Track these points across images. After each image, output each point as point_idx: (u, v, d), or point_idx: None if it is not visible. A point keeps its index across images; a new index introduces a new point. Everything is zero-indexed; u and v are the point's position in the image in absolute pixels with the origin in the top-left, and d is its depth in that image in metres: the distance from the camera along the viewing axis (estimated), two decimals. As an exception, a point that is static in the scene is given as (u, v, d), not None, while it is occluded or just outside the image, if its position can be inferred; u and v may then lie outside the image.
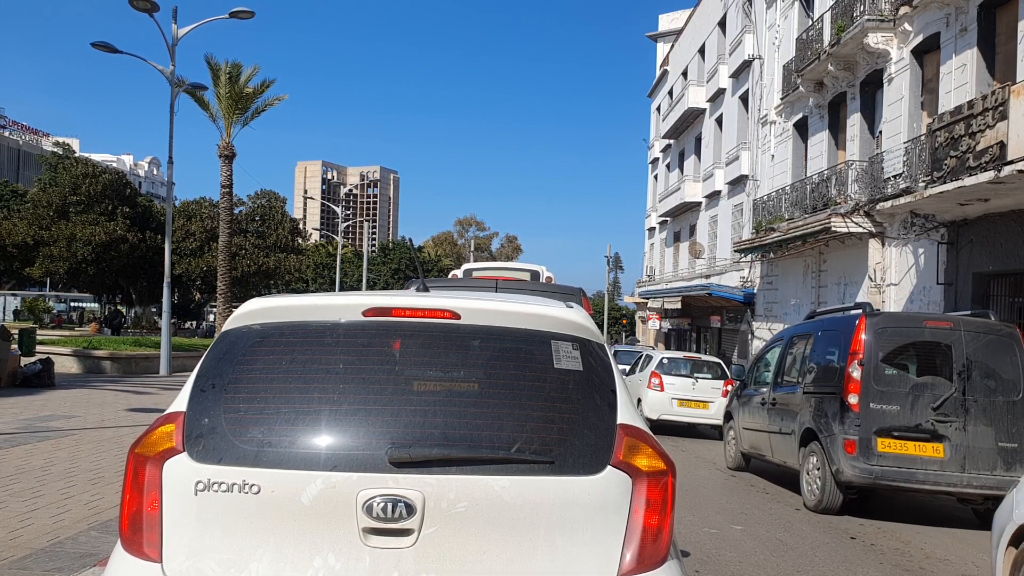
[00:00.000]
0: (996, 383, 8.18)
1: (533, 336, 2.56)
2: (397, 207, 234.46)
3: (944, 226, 15.55)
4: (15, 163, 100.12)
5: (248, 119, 31.79)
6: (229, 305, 33.32)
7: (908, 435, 7.99)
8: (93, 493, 6.09)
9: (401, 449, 2.29)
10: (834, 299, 21.27)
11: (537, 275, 14.29)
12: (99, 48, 20.04)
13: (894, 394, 8.10)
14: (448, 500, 2.27)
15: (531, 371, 2.51)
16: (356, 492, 2.25)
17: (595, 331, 2.66)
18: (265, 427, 2.35)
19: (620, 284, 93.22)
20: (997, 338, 8.40)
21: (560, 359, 2.53)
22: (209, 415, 2.38)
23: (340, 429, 2.34)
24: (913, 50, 17.54)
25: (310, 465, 2.28)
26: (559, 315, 2.62)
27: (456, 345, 2.52)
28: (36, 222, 41.09)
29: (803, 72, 22.04)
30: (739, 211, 30.17)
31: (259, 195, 47.90)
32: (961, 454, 7.93)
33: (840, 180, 19.79)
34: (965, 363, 8.18)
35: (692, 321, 36.62)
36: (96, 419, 10.54)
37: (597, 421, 2.44)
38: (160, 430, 2.39)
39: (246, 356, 2.49)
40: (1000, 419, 8.03)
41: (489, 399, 2.46)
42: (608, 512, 2.34)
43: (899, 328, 8.66)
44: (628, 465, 2.38)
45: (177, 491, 2.30)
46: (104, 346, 21.25)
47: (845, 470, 8.04)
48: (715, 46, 34.32)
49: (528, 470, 2.32)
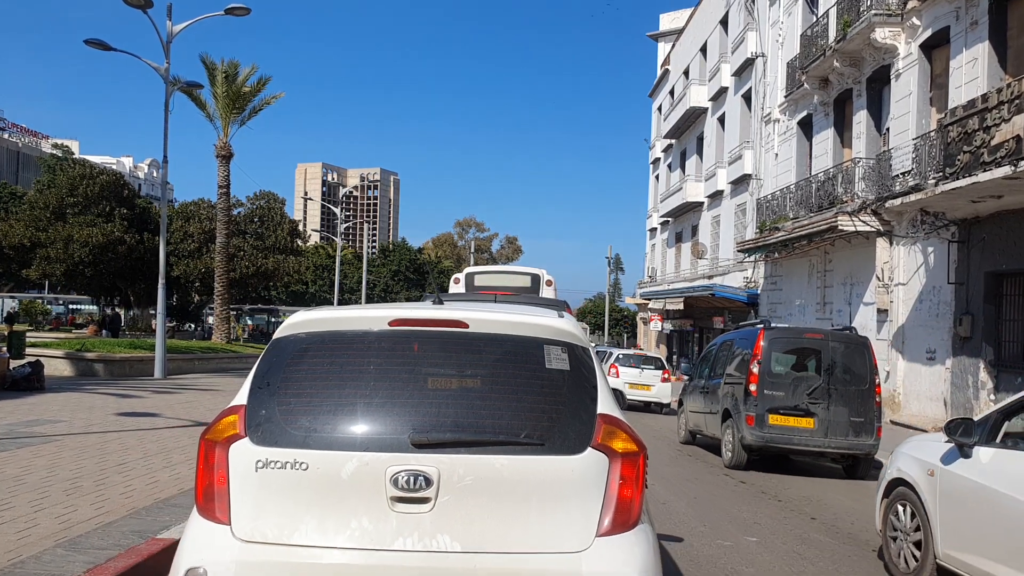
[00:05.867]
0: (851, 377, 11.15)
1: (529, 341, 3.07)
2: (397, 209, 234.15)
3: (955, 224, 15.18)
4: (14, 165, 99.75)
5: (245, 118, 31.45)
6: (227, 307, 32.94)
7: (789, 412, 11.02)
8: (67, 505, 5.73)
9: (421, 434, 2.80)
10: (840, 299, 20.92)
11: (537, 278, 14.48)
12: (92, 45, 19.65)
13: (781, 384, 11.18)
14: (458, 474, 2.77)
15: (527, 370, 3.01)
16: (385, 468, 2.76)
17: (581, 337, 3.17)
18: (311, 417, 2.87)
19: (620, 286, 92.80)
20: (854, 345, 11.37)
21: (551, 360, 3.02)
22: (265, 407, 2.91)
23: (371, 418, 2.86)
24: (922, 45, 17.19)
25: (347, 447, 2.80)
26: (551, 324, 3.14)
27: (465, 349, 3.02)
28: (33, 224, 40.65)
29: (808, 69, 21.69)
30: (742, 211, 29.81)
31: (258, 196, 47.45)
32: (825, 425, 10.91)
33: (846, 178, 19.43)
34: (831, 363, 11.16)
35: (694, 322, 36.24)
36: (82, 424, 10.18)
37: (580, 411, 2.94)
38: (225, 420, 2.93)
39: (294, 359, 3.03)
40: (853, 402, 10.98)
41: (492, 393, 2.95)
42: (589, 485, 2.84)
43: (786, 337, 11.94)
44: (606, 447, 2.88)
45: (241, 468, 2.83)
46: (97, 348, 20.86)
47: (747, 437, 11.11)
48: (717, 44, 33.98)
49: (523, 450, 2.82)
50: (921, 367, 16.80)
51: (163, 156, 21.01)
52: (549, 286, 14.74)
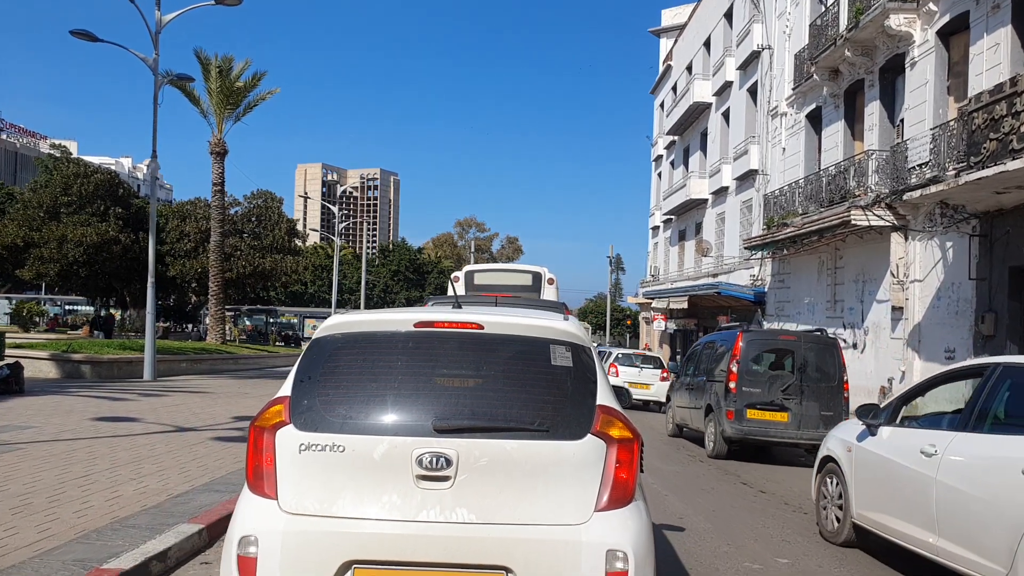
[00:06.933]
0: (821, 375, 12.33)
1: (537, 341, 3.44)
2: (397, 209, 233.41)
3: (976, 217, 14.50)
4: (12, 166, 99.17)
5: (240, 114, 30.81)
6: (221, 307, 32.24)
7: (765, 407, 12.15)
8: (8, 527, 5.05)
9: (442, 420, 3.17)
10: (852, 297, 20.25)
11: (539, 276, 14.19)
12: (78, 36, 19.05)
13: (758, 381, 12.32)
14: (475, 456, 3.12)
15: (535, 367, 3.37)
16: (411, 450, 3.11)
17: (584, 337, 3.55)
18: (347, 406, 3.24)
19: (621, 286, 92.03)
20: (824, 346, 12.56)
21: (556, 358, 3.38)
22: (307, 398, 3.27)
23: (399, 407, 3.22)
24: (939, 31, 16.51)
25: (379, 432, 3.17)
26: (556, 326, 3.51)
27: (481, 348, 3.39)
28: (26, 223, 39.92)
29: (817, 60, 21.00)
30: (748, 207, 29.12)
31: (255, 195, 46.64)
32: (798, 419, 12.00)
33: (859, 171, 18.75)
34: (803, 362, 12.33)
35: (699, 321, 35.52)
36: (54, 430, 9.52)
37: (582, 402, 3.29)
38: (272, 409, 3.27)
39: (332, 357, 3.39)
40: (823, 397, 12.05)
41: (504, 386, 3.31)
42: (588, 467, 3.18)
43: (763, 339, 13.12)
44: (604, 434, 3.22)
45: (286, 451, 3.18)
46: (85, 349, 20.22)
47: (727, 430, 12.27)
48: (721, 38, 33.29)
49: (531, 436, 3.18)
50: (939, 367, 16.00)
51: (152, 150, 20.38)
52: (551, 284, 14.27)
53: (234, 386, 18.97)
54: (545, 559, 3.06)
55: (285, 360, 34.37)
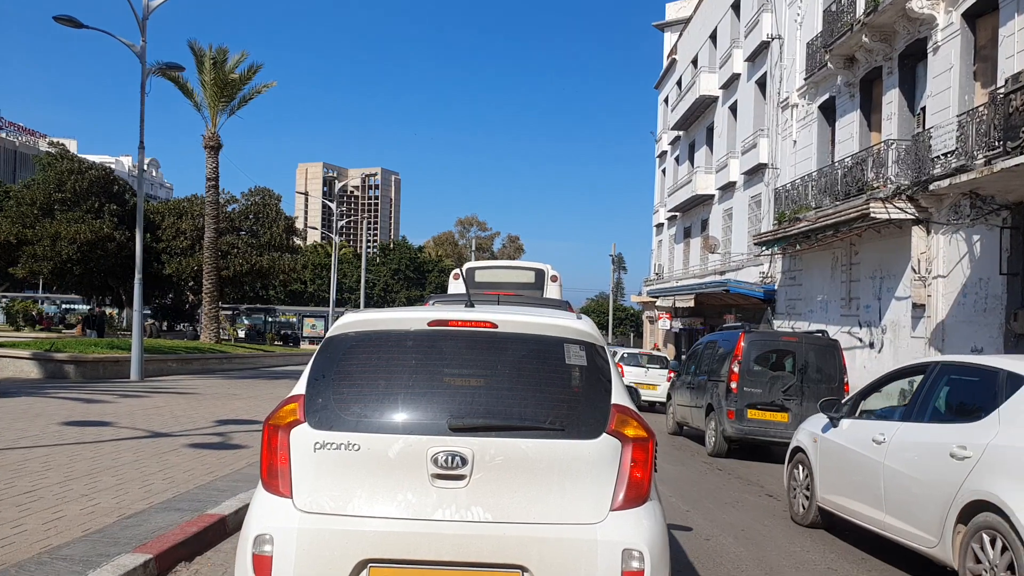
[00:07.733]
0: (822, 376, 12.48)
1: (551, 340, 3.49)
2: (398, 208, 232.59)
3: (1007, 208, 13.65)
4: (11, 164, 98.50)
5: (235, 108, 29.99)
6: (216, 305, 31.43)
7: (766, 408, 12.29)
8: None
9: (457, 419, 3.21)
10: (868, 294, 19.41)
11: (542, 273, 13.82)
12: (62, 22, 18.27)
13: (759, 382, 12.44)
14: (489, 455, 3.16)
15: (549, 365, 3.42)
16: (426, 449, 3.15)
17: (598, 336, 3.60)
18: (362, 404, 3.28)
19: (623, 285, 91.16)
20: (825, 347, 12.69)
21: (570, 357, 3.44)
22: (322, 396, 3.31)
23: (414, 406, 3.26)
24: (964, 13, 15.65)
25: (394, 431, 3.21)
26: (571, 325, 3.57)
27: (494, 346, 3.44)
28: (20, 220, 39.11)
29: (832, 47, 20.16)
30: (756, 203, 28.27)
31: (253, 192, 45.84)
32: (798, 419, 11.27)
33: (878, 162, 17.90)
34: (804, 363, 12.49)
35: (705, 320, 34.66)
36: (12, 437, 8.71)
37: (597, 401, 3.35)
38: (286, 408, 3.30)
39: (346, 355, 3.44)
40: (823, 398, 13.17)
41: (518, 385, 3.36)
42: (604, 466, 3.23)
43: (764, 340, 13.11)
44: (619, 433, 3.28)
45: (301, 449, 3.21)
46: (69, 349, 19.43)
47: (728, 429, 12.43)
48: (728, 30, 32.44)
49: (546, 435, 3.22)
50: (964, 367, 15.25)
51: (139, 141, 19.59)
52: (554, 282, 13.77)
53: (224, 387, 18.17)
54: (561, 558, 3.05)
55: (281, 360, 33.57)
